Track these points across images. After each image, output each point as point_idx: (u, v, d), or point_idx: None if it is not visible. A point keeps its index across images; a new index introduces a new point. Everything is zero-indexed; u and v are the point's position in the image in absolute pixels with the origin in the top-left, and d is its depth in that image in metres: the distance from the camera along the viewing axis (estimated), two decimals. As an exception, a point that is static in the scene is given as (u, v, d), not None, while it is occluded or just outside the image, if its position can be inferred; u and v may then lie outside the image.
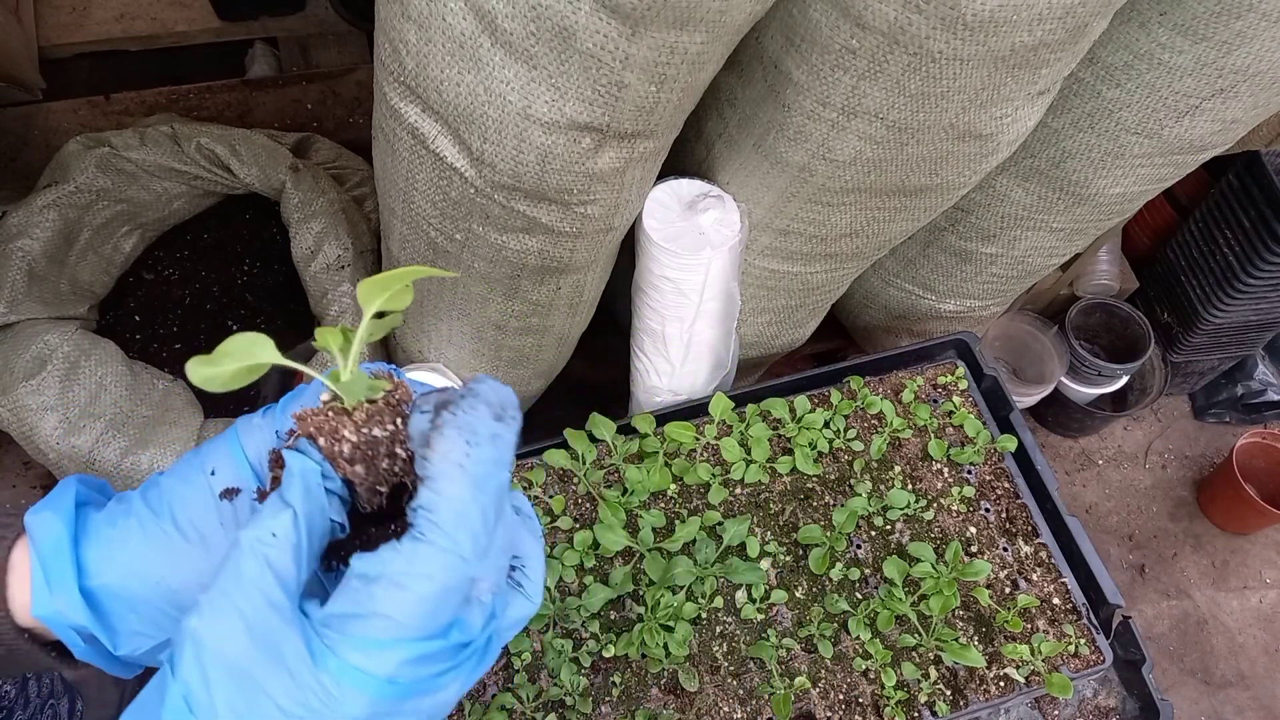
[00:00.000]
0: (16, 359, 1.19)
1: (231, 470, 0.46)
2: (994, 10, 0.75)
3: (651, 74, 0.75)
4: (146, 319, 1.40)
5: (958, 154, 0.95)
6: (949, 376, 1.20)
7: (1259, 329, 1.78)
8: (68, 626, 0.44)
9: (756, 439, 1.12)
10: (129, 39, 1.83)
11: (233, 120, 1.66)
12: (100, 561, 0.45)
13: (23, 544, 0.46)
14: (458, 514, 0.37)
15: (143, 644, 0.46)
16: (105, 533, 0.45)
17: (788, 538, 1.09)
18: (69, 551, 0.44)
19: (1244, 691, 1.75)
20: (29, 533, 0.45)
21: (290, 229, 1.39)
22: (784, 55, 0.88)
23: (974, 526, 1.11)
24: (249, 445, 0.46)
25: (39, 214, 1.28)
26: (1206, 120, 1.02)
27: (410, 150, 0.90)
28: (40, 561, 0.44)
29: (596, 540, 1.04)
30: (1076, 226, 1.24)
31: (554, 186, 0.87)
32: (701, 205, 1.08)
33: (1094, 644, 1.04)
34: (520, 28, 0.72)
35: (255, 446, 0.46)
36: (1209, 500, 1.91)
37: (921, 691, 1.01)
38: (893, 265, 1.42)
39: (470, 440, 0.38)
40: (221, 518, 0.45)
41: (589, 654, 1.00)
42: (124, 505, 0.46)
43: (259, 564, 0.37)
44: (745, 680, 1.01)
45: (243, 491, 0.46)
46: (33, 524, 0.45)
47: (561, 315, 1.14)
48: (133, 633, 0.46)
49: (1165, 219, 1.86)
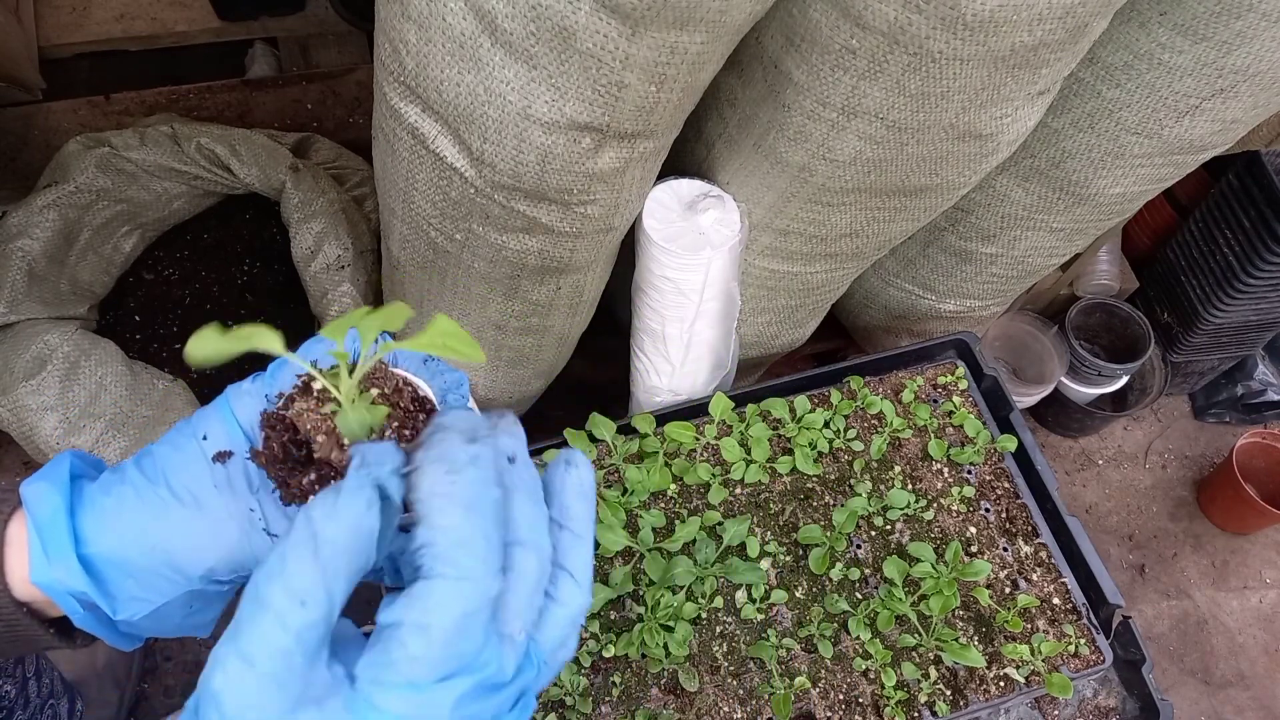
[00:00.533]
0: (16, 359, 1.19)
1: (224, 435, 0.47)
2: (994, 10, 0.75)
3: (651, 74, 0.75)
4: (146, 319, 1.40)
5: (958, 154, 0.95)
6: (949, 376, 1.20)
7: (1259, 329, 1.78)
8: (67, 593, 0.45)
9: (756, 439, 1.12)
10: (129, 39, 1.83)
11: (233, 120, 1.66)
12: (96, 529, 0.45)
13: (19, 518, 0.47)
14: (457, 541, 0.37)
15: (141, 609, 0.47)
16: (100, 501, 0.46)
17: (788, 538, 1.09)
18: (65, 520, 0.45)
19: (1244, 691, 1.75)
20: (25, 503, 0.45)
21: (290, 229, 1.39)
22: (784, 55, 0.88)
23: (974, 526, 1.11)
24: (239, 410, 0.47)
25: (39, 214, 1.28)
26: (1206, 120, 1.02)
27: (410, 150, 0.90)
28: (37, 530, 0.44)
29: (596, 540, 1.04)
30: (1076, 226, 1.24)
31: (554, 186, 0.87)
32: (701, 205, 1.08)
33: (1094, 644, 1.04)
34: (520, 28, 0.72)
35: (246, 411, 0.47)
36: (1209, 500, 1.91)
37: (921, 691, 1.01)
38: (893, 265, 1.42)
39: (450, 469, 0.38)
40: (215, 480, 0.46)
41: (589, 654, 1.00)
42: (118, 474, 0.47)
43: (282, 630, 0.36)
44: (745, 680, 1.01)
45: (235, 454, 0.46)
46: (29, 494, 0.45)
47: (561, 315, 1.14)
48: (131, 598, 0.46)
49: (1165, 219, 1.86)
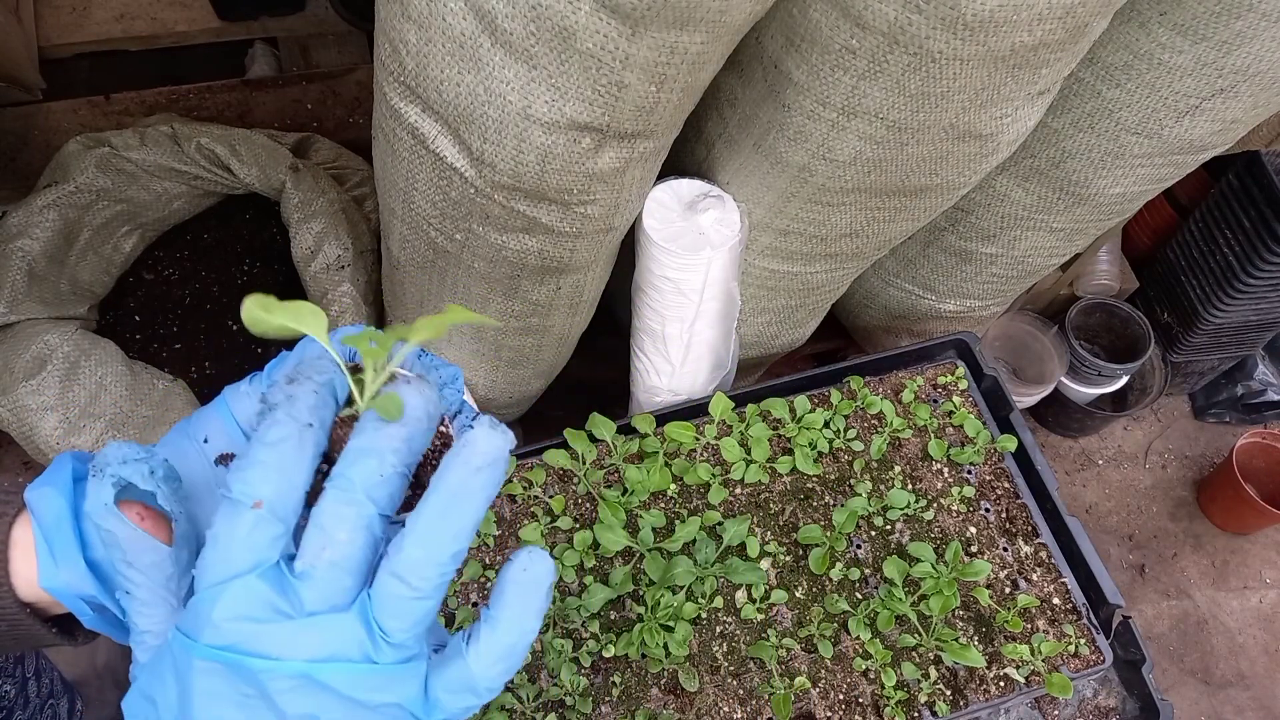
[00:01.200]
0: (16, 359, 1.19)
1: (224, 436, 0.47)
2: (994, 10, 0.75)
3: (651, 74, 0.75)
4: (146, 319, 1.40)
5: (958, 154, 0.95)
6: (949, 376, 1.20)
7: (1259, 329, 1.78)
8: (76, 597, 0.45)
9: (756, 439, 1.12)
10: (129, 39, 1.83)
11: (233, 120, 1.66)
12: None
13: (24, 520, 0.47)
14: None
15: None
16: None
17: (788, 538, 1.09)
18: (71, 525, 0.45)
19: (1244, 691, 1.75)
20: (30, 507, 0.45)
21: (290, 229, 1.39)
22: (784, 55, 0.88)
23: (974, 526, 1.11)
24: (238, 411, 0.47)
25: (39, 214, 1.28)
26: (1206, 120, 1.02)
27: (410, 150, 0.90)
28: (44, 536, 0.44)
29: (596, 540, 1.04)
30: (1076, 226, 1.24)
31: (554, 186, 0.87)
32: (701, 205, 1.08)
33: (1094, 644, 1.04)
34: (520, 28, 0.72)
35: (244, 412, 0.47)
36: (1209, 500, 1.91)
37: (921, 691, 1.01)
38: (893, 265, 1.42)
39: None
40: (217, 482, 0.46)
41: (589, 654, 1.00)
42: None
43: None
44: (745, 680, 1.01)
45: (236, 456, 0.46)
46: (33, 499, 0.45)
47: (561, 315, 1.14)
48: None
49: (1165, 219, 1.86)
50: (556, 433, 1.10)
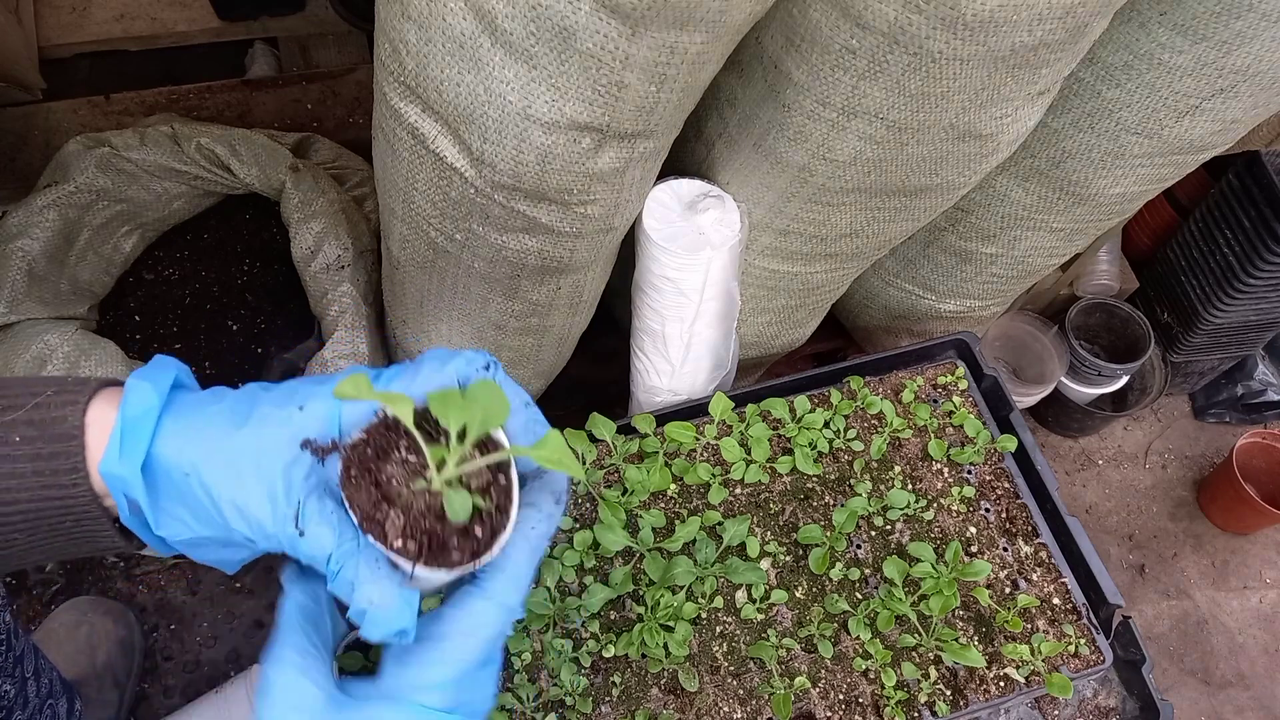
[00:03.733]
0: (16, 359, 1.19)
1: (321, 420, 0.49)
2: (994, 10, 0.75)
3: (651, 74, 0.75)
4: (146, 319, 1.40)
5: (958, 154, 0.95)
6: (949, 376, 1.20)
7: (1259, 329, 1.78)
8: (121, 491, 0.47)
9: (756, 439, 1.12)
10: (129, 39, 1.83)
11: (233, 120, 1.66)
12: (173, 443, 0.47)
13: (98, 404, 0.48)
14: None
15: (181, 531, 0.49)
16: (188, 418, 0.48)
17: (788, 538, 1.09)
18: (151, 425, 0.47)
19: (1244, 691, 1.75)
20: (126, 394, 0.47)
21: (290, 229, 1.39)
22: (784, 55, 0.88)
23: (974, 526, 1.11)
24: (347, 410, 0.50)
25: (39, 214, 1.28)
26: (1206, 120, 1.02)
27: (410, 150, 0.90)
28: (124, 424, 0.46)
29: (596, 540, 1.04)
30: (1076, 226, 1.24)
31: (554, 186, 0.87)
32: (701, 205, 1.08)
33: (1094, 644, 1.04)
34: (520, 28, 0.72)
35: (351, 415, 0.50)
36: (1209, 500, 1.91)
37: (921, 691, 1.01)
38: (893, 265, 1.42)
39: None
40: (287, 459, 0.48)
41: (589, 654, 1.00)
42: (215, 400, 0.50)
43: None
44: (745, 680, 1.01)
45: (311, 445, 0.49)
46: (131, 387, 0.48)
47: (561, 315, 1.14)
48: (174, 518, 0.48)
49: (1165, 219, 1.86)
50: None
